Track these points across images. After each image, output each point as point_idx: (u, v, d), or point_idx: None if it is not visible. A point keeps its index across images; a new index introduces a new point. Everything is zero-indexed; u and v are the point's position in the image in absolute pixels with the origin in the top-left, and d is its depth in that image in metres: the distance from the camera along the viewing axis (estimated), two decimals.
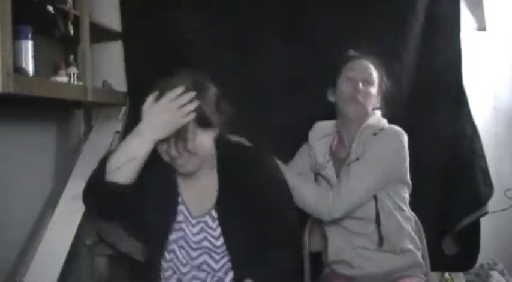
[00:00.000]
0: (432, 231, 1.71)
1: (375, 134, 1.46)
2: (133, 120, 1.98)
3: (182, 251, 1.25)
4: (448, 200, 1.81)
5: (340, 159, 1.54)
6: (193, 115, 1.13)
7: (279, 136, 1.76)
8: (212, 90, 1.22)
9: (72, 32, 1.65)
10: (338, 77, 1.56)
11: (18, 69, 1.43)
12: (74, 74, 1.76)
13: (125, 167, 1.12)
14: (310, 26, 1.88)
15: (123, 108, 2.04)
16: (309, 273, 1.62)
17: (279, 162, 1.45)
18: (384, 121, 1.55)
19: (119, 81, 2.03)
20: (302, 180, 1.51)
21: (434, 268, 1.61)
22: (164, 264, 1.27)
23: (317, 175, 1.58)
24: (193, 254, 1.24)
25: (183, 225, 1.25)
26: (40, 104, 1.71)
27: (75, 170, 1.90)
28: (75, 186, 1.83)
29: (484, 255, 1.88)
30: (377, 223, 1.42)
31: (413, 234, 1.49)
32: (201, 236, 1.24)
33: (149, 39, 1.98)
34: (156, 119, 1.12)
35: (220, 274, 1.24)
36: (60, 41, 1.83)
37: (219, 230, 1.22)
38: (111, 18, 2.02)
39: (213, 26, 1.93)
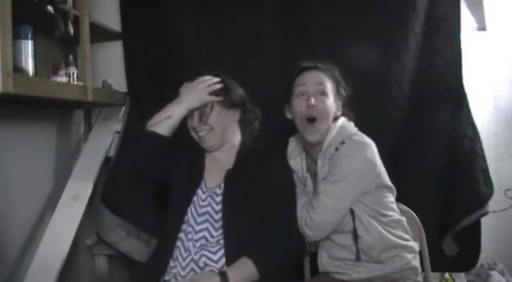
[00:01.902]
0: (433, 231, 1.71)
1: (336, 149, 1.39)
2: (133, 120, 1.98)
3: (191, 214, 1.43)
4: (449, 200, 1.80)
5: (314, 172, 1.47)
6: (219, 98, 1.44)
7: (279, 136, 1.76)
8: (239, 90, 1.52)
9: (72, 32, 1.65)
10: (291, 93, 1.47)
11: (18, 69, 1.43)
12: (74, 74, 1.76)
13: (162, 123, 1.41)
14: (310, 26, 1.88)
15: (123, 108, 2.04)
16: (309, 273, 1.62)
17: None
18: (349, 128, 1.45)
19: (118, 81, 2.04)
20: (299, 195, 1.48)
21: (435, 268, 1.61)
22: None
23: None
24: (198, 219, 1.41)
25: (198, 192, 1.45)
26: (40, 104, 1.72)
27: (75, 170, 1.91)
28: (75, 186, 1.84)
29: (484, 255, 1.88)
30: (354, 239, 1.37)
31: (402, 237, 1.43)
32: (206, 202, 1.43)
33: (149, 39, 1.99)
34: (189, 92, 1.44)
35: (213, 248, 1.35)
36: (60, 41, 1.83)
37: (221, 197, 1.41)
38: (111, 18, 2.03)
39: (213, 26, 1.93)
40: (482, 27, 2.10)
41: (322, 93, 1.43)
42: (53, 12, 1.55)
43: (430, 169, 1.83)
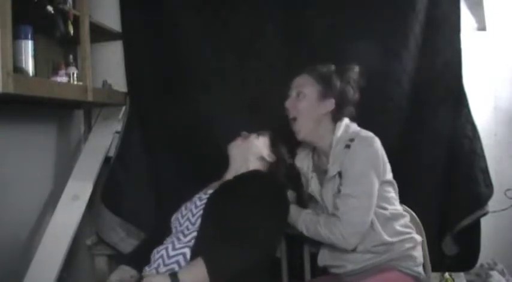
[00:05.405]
0: (433, 231, 1.71)
1: (347, 146, 1.43)
2: (133, 120, 1.98)
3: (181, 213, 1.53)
4: (448, 200, 1.80)
5: (322, 170, 1.51)
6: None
7: (279, 136, 1.76)
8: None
9: (72, 32, 1.65)
10: None
11: (18, 69, 1.43)
12: (74, 74, 1.76)
13: None
14: (310, 26, 1.88)
15: (123, 108, 2.04)
16: (309, 273, 1.62)
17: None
18: (353, 127, 1.51)
19: (118, 81, 2.04)
20: (315, 218, 1.48)
21: (435, 268, 1.61)
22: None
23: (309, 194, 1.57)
24: (184, 211, 1.49)
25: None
26: (40, 104, 1.72)
27: (75, 170, 1.91)
28: (75, 186, 1.84)
29: (484, 255, 1.88)
30: None
31: (403, 232, 1.44)
32: (192, 201, 1.51)
33: (149, 39, 1.99)
34: None
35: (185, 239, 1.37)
36: (60, 41, 1.83)
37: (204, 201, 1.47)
38: (111, 18, 2.03)
39: (213, 26, 1.93)
40: (482, 27, 2.10)
41: (299, 95, 1.53)
42: (53, 12, 1.55)
43: (430, 169, 1.83)
